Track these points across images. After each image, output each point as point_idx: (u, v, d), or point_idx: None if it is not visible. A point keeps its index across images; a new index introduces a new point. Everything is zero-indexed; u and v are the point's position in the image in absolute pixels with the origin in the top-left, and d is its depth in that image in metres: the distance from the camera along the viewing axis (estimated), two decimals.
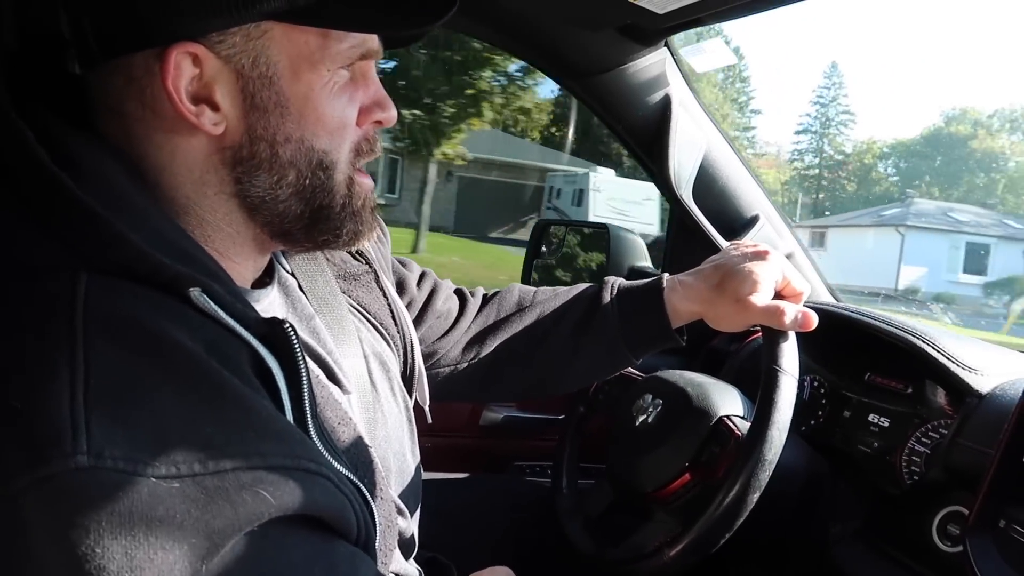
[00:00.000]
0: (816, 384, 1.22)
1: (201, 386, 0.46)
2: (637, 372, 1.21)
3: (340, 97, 0.62)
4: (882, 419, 1.09)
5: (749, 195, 1.39)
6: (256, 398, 0.49)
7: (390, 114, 0.67)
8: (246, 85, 0.58)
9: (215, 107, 0.57)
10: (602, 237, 1.70)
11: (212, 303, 0.51)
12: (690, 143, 1.30)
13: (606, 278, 1.03)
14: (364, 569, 0.53)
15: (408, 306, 0.99)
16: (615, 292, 1.00)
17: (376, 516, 0.59)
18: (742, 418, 0.94)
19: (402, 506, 0.82)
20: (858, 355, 1.16)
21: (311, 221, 0.65)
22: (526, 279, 1.82)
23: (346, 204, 0.66)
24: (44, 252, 0.49)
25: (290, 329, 0.54)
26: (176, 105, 0.55)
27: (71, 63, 0.54)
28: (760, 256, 0.92)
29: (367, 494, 0.57)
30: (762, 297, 0.88)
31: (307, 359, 0.55)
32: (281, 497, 0.45)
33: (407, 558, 0.85)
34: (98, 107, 0.58)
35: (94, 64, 0.55)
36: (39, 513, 0.39)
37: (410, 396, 0.88)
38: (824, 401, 1.19)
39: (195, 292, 0.50)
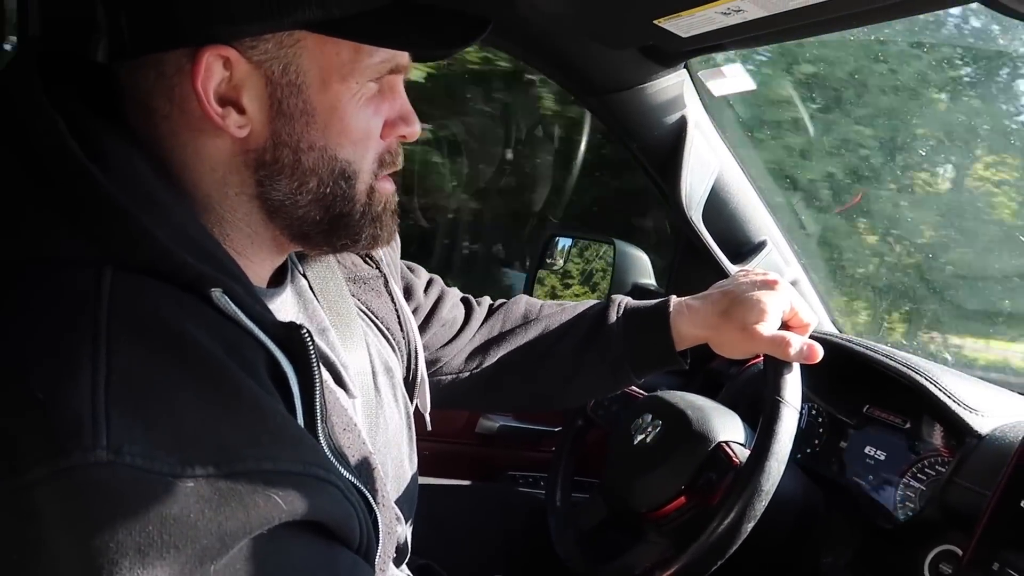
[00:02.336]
0: (814, 412, 1.22)
1: (220, 387, 0.46)
2: (637, 390, 1.21)
3: (366, 109, 0.62)
4: (879, 452, 1.09)
5: (758, 220, 1.40)
6: (271, 402, 0.49)
7: (414, 128, 0.67)
8: (274, 91, 0.58)
9: (241, 110, 0.58)
10: (608, 252, 1.70)
11: (232, 304, 0.51)
12: (703, 165, 1.30)
13: (612, 296, 1.03)
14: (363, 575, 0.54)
15: (414, 312, 0.99)
16: (621, 311, 1.00)
17: (380, 523, 0.59)
18: (741, 445, 0.94)
19: (399, 512, 0.82)
20: (858, 386, 1.16)
21: (330, 227, 0.65)
22: (529, 289, 1.83)
23: (366, 212, 0.66)
24: (71, 245, 0.50)
25: (307, 335, 0.54)
26: (203, 105, 0.56)
27: (98, 51, 0.55)
28: (769, 285, 0.92)
29: (371, 501, 0.57)
30: (769, 327, 0.88)
31: (320, 364, 0.55)
32: (291, 502, 0.45)
33: (400, 565, 0.85)
34: (126, 99, 0.59)
35: (125, 56, 0.55)
36: (55, 505, 0.40)
37: (411, 401, 0.88)
38: (821, 430, 1.19)
39: (216, 292, 0.51)
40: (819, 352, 0.86)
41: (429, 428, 0.92)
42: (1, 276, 0.49)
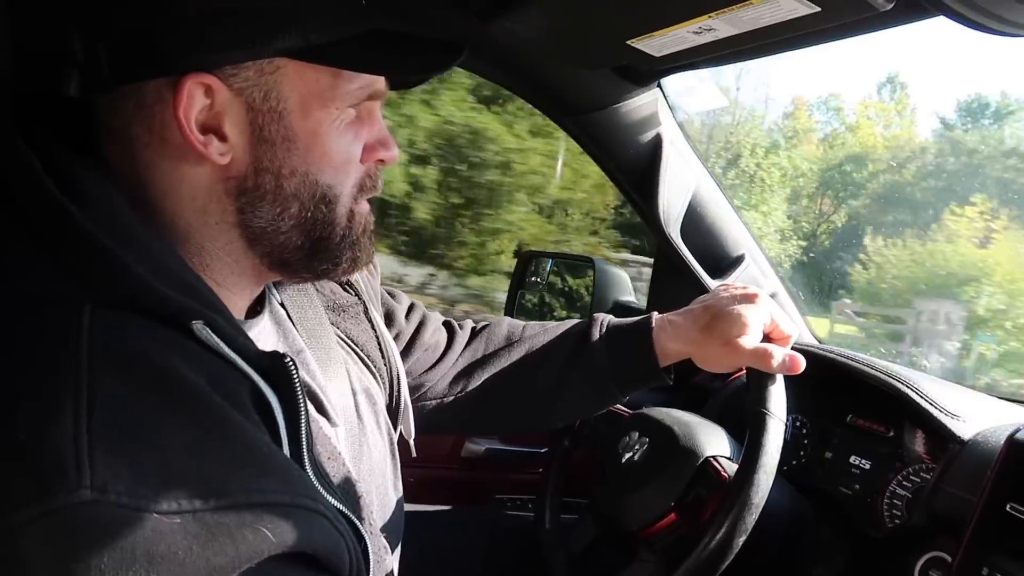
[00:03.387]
0: (799, 424, 1.22)
1: (205, 421, 0.46)
2: (623, 408, 1.21)
3: (346, 134, 0.63)
4: (863, 461, 1.10)
5: (735, 234, 1.41)
6: (257, 434, 0.49)
7: (392, 153, 0.68)
8: (255, 118, 0.58)
9: (223, 138, 0.58)
10: (587, 270, 1.71)
11: (215, 336, 0.51)
12: (679, 182, 1.32)
13: (595, 315, 1.03)
14: None
15: (396, 338, 0.99)
16: (604, 330, 1.00)
17: (370, 552, 0.58)
18: (728, 459, 0.94)
19: (385, 542, 0.81)
20: (841, 397, 1.17)
21: (311, 252, 0.65)
22: (509, 310, 1.83)
23: (346, 235, 0.66)
24: (50, 283, 0.49)
25: (291, 364, 0.53)
26: (185, 134, 0.56)
27: (70, 85, 0.54)
28: (749, 299, 0.93)
29: (360, 530, 0.56)
30: (750, 340, 0.89)
31: (304, 393, 0.55)
32: (281, 535, 0.44)
33: None
34: (104, 130, 0.58)
35: (105, 89, 0.55)
36: (40, 546, 0.39)
37: (395, 428, 0.88)
38: (806, 441, 1.20)
39: (198, 325, 0.50)
40: (801, 363, 0.87)
41: (414, 454, 0.91)
42: None
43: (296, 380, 0.54)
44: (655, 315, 0.98)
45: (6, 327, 0.47)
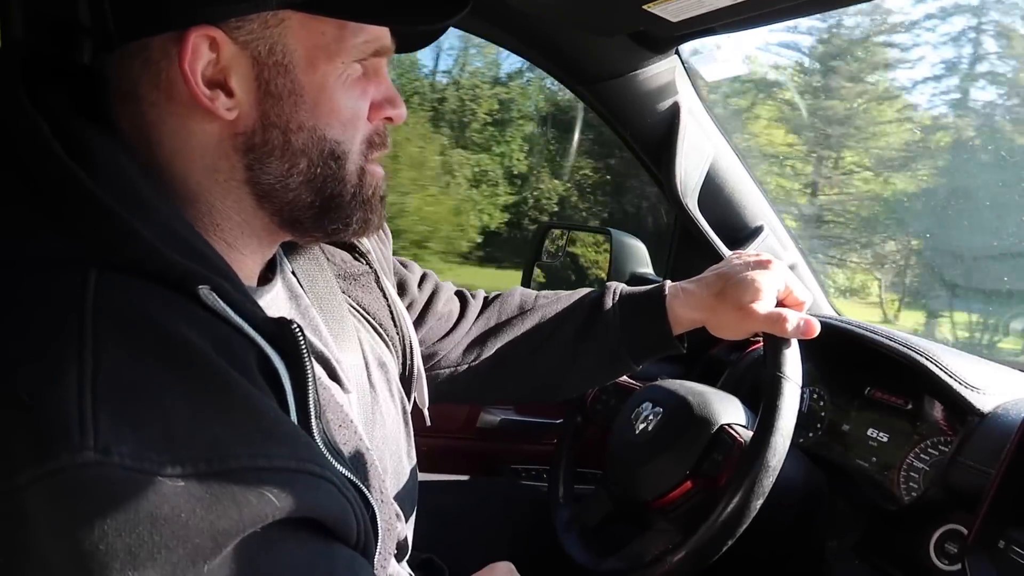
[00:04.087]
0: (815, 397, 1.21)
1: (210, 386, 0.46)
2: (634, 381, 1.20)
3: (353, 90, 0.62)
4: (881, 434, 1.09)
5: (754, 205, 1.39)
6: (263, 399, 0.49)
7: (400, 111, 0.67)
8: (261, 72, 0.58)
9: (230, 93, 0.57)
10: (604, 242, 1.69)
11: (221, 301, 0.51)
12: (697, 151, 1.30)
13: (608, 283, 1.03)
14: (362, 574, 0.53)
15: (409, 307, 0.98)
16: (617, 298, 1.00)
17: (378, 519, 0.59)
18: (744, 427, 0.94)
19: (398, 509, 0.82)
20: (858, 369, 1.16)
21: (321, 210, 0.65)
22: (526, 282, 1.82)
23: (356, 193, 0.66)
24: (56, 246, 0.49)
25: (298, 330, 0.53)
26: (192, 88, 0.55)
27: (83, 51, 0.54)
28: (763, 265, 0.92)
29: (369, 497, 0.56)
30: (764, 305, 0.89)
31: (312, 360, 0.55)
32: (285, 499, 0.44)
33: (400, 560, 0.84)
34: (111, 90, 0.58)
35: (111, 47, 0.55)
36: (43, 507, 0.39)
37: (409, 398, 0.88)
38: (823, 414, 1.19)
39: (204, 290, 0.50)
40: (816, 326, 0.86)
41: (428, 423, 0.91)
42: None
43: (303, 346, 0.53)
44: (668, 283, 0.98)
45: (10, 288, 0.47)
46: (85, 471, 0.39)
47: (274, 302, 0.69)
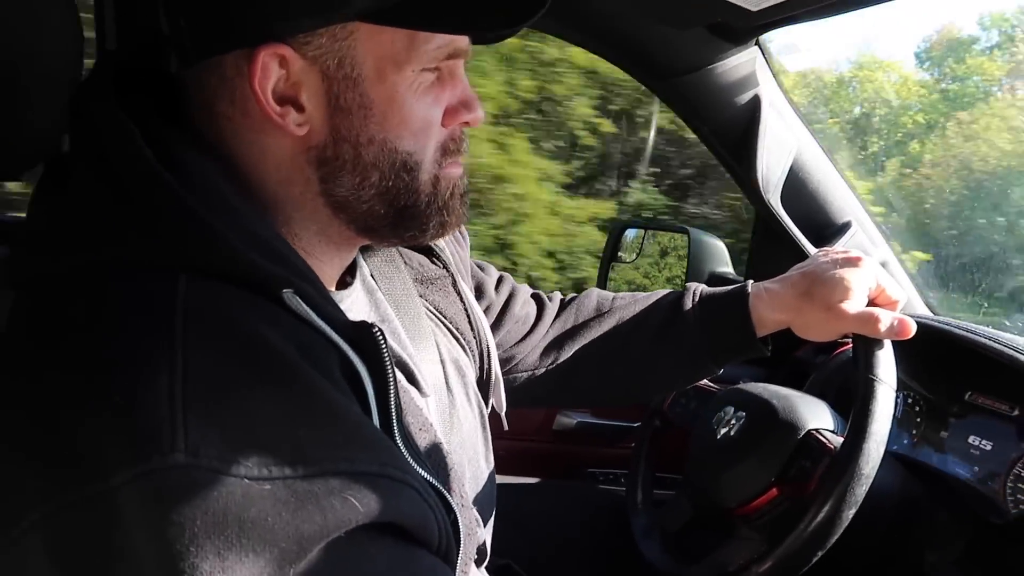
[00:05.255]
0: (911, 401, 1.15)
1: (294, 389, 0.46)
2: (715, 384, 1.17)
3: (425, 98, 0.61)
4: (984, 442, 1.02)
5: (841, 200, 1.33)
6: (346, 403, 0.49)
7: (477, 115, 0.66)
8: (331, 86, 0.57)
9: (300, 108, 0.58)
10: (682, 241, 1.66)
11: (304, 305, 0.51)
12: (779, 145, 1.25)
13: (688, 284, 1.00)
14: None
15: (486, 311, 0.98)
16: (697, 299, 0.97)
17: (460, 524, 0.58)
18: (833, 432, 0.90)
19: (477, 514, 0.81)
20: (958, 372, 1.09)
21: (396, 219, 0.64)
22: (602, 283, 1.79)
23: (432, 202, 0.65)
24: (146, 251, 0.50)
25: (379, 334, 0.53)
26: (262, 105, 0.56)
27: (170, 62, 0.56)
28: (852, 262, 0.88)
29: (451, 501, 0.56)
30: (854, 304, 0.84)
31: (393, 363, 0.55)
32: (368, 504, 0.44)
33: (479, 566, 0.84)
34: (192, 106, 0.59)
35: (190, 63, 0.56)
36: (135, 509, 0.40)
37: (486, 402, 0.87)
38: (919, 420, 1.12)
39: (288, 293, 0.51)
40: (912, 327, 0.81)
41: (506, 428, 0.91)
42: (80, 284, 0.50)
43: (384, 350, 0.53)
44: (751, 283, 0.94)
45: (101, 292, 0.49)
46: (175, 473, 0.39)
47: (354, 305, 0.70)
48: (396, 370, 0.67)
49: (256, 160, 0.59)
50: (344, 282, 0.71)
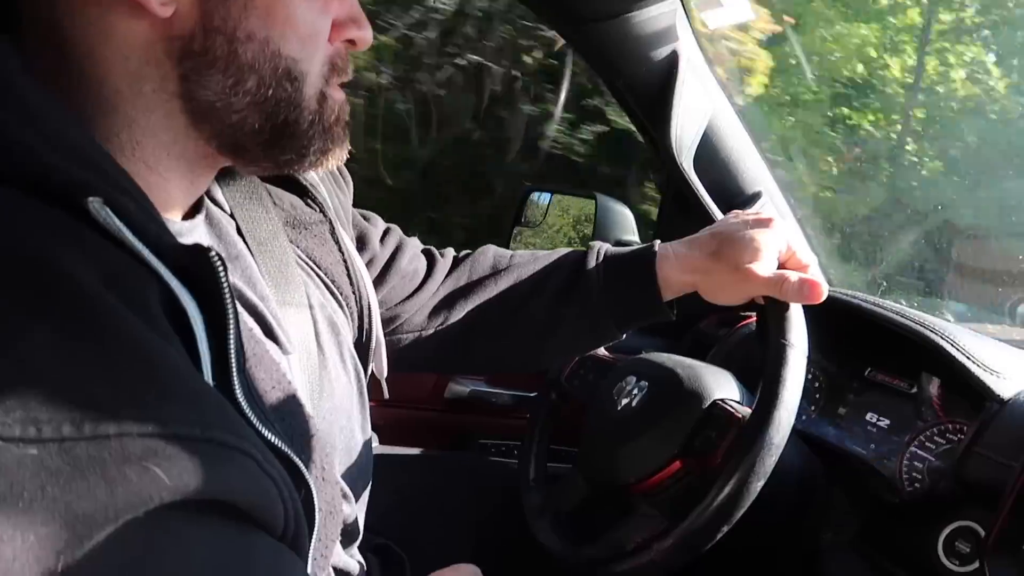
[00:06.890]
0: (810, 376, 1.12)
1: (91, 328, 0.34)
2: (615, 355, 1.10)
3: (314, 2, 0.54)
4: (881, 419, 1.00)
5: (752, 169, 1.29)
6: (164, 347, 0.37)
7: (365, 34, 0.59)
8: None
9: None
10: (589, 207, 1.60)
11: (116, 218, 0.39)
12: (695, 107, 1.19)
13: (591, 242, 0.93)
14: (289, 571, 0.42)
15: (369, 264, 0.88)
16: (601, 258, 0.90)
17: (316, 500, 0.48)
18: (739, 403, 0.84)
19: (347, 489, 0.71)
20: (859, 347, 1.07)
21: (272, 137, 0.56)
22: (505, 247, 1.72)
23: (315, 121, 0.57)
24: None
25: (217, 260, 0.42)
26: None
27: None
28: (763, 223, 0.84)
29: (305, 473, 0.46)
30: (764, 266, 0.80)
31: (237, 304, 0.44)
32: (179, 476, 0.33)
33: (347, 547, 0.74)
34: None
35: None
36: None
37: (365, 365, 0.77)
38: (818, 395, 1.10)
39: (96, 203, 0.39)
40: (823, 289, 0.77)
41: (387, 396, 0.81)
42: None
43: (224, 283, 0.42)
44: (658, 243, 0.88)
45: None
46: None
47: (192, 237, 0.58)
48: (247, 317, 0.57)
49: (96, 44, 0.49)
50: (191, 216, 0.60)
